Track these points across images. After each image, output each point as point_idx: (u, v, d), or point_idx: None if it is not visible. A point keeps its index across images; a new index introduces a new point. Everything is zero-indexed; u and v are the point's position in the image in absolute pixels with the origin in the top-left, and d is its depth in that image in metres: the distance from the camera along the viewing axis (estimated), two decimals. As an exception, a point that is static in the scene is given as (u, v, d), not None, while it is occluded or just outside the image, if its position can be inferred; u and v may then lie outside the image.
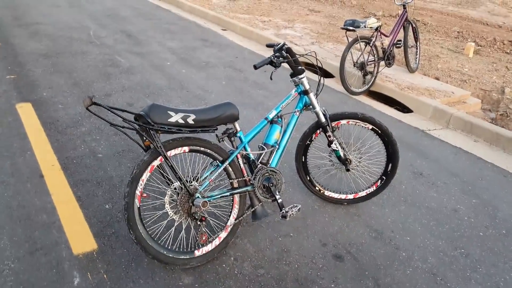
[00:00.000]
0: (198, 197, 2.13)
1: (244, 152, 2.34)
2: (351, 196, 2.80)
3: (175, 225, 2.33)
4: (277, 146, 2.45)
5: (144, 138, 2.04)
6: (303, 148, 2.73)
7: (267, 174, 2.37)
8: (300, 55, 2.47)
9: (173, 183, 2.13)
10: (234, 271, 2.19)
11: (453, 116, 4.45)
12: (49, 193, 2.66)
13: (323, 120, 2.56)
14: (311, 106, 2.55)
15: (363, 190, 2.79)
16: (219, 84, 4.90)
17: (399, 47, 5.33)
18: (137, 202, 2.03)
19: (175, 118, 2.02)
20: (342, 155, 2.65)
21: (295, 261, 2.29)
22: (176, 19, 8.06)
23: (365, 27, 4.84)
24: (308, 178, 2.79)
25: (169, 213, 2.15)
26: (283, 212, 2.30)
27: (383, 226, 2.66)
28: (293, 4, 10.08)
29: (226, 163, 2.22)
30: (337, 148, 2.63)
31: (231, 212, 2.31)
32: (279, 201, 2.35)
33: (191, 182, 2.16)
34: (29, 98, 3.99)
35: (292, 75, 2.52)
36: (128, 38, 6.39)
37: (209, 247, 2.22)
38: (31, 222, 2.39)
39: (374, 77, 5.17)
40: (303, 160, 2.76)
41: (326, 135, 2.60)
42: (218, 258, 2.26)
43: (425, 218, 2.79)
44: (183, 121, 2.04)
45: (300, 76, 2.49)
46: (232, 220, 2.30)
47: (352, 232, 2.57)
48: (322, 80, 2.51)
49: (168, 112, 2.01)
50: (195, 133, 2.10)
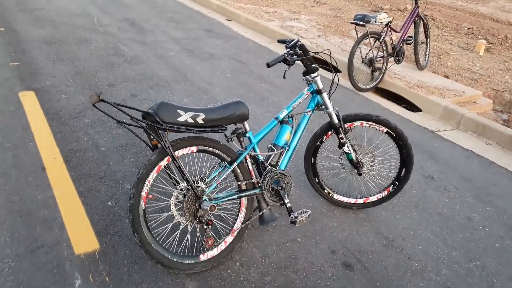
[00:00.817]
0: (206, 200, 2.04)
1: (253, 153, 2.24)
2: (361, 201, 2.71)
3: (181, 228, 2.24)
4: (287, 148, 2.35)
5: (152, 137, 1.94)
6: (313, 149, 2.62)
7: (276, 177, 2.27)
8: (315, 53, 2.35)
9: (180, 184, 2.03)
10: (240, 278, 2.11)
11: (464, 117, 4.34)
12: (51, 187, 2.57)
13: (336, 122, 2.46)
14: (324, 106, 2.45)
15: (374, 195, 2.70)
16: (224, 77, 4.78)
17: (409, 44, 5.20)
18: (143, 204, 1.94)
19: (185, 118, 1.91)
20: (354, 158, 2.55)
21: (303, 269, 2.21)
22: (180, 8, 7.90)
23: (376, 22, 4.71)
24: (317, 181, 2.70)
25: (175, 215, 2.06)
26: (292, 218, 2.21)
27: (394, 233, 2.57)
28: (300, -5, 9.89)
29: (235, 165, 2.13)
30: (349, 151, 2.53)
31: (238, 215, 2.22)
32: (288, 206, 2.26)
33: (198, 183, 2.07)
34: (32, 87, 3.88)
35: (305, 73, 2.41)
36: (132, 26, 6.24)
37: (215, 252, 2.14)
38: (32, 218, 2.30)
39: (383, 74, 5.04)
40: (312, 162, 2.66)
41: (338, 137, 2.50)
42: (224, 263, 2.18)
43: (438, 226, 2.70)
44: (193, 121, 1.94)
45: (314, 75, 2.38)
46: (239, 224, 2.21)
47: (362, 239, 2.48)
48: (337, 79, 2.40)
49: (178, 111, 1.90)
50: (204, 133, 2.00)
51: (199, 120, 1.95)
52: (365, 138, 3.19)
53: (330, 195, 2.72)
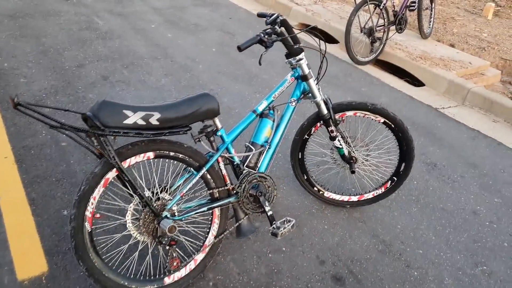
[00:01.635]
0: (166, 217, 1.71)
1: (227, 155, 1.89)
2: (355, 198, 2.39)
3: (140, 248, 1.92)
4: (268, 146, 2.00)
5: (95, 144, 1.58)
6: (300, 143, 2.28)
7: (255, 181, 1.94)
8: (300, 30, 1.96)
9: (135, 198, 1.70)
10: (214, 300, 1.83)
11: (471, 92, 3.95)
12: (-1, 194, 2.25)
13: (325, 112, 2.09)
14: (311, 95, 2.08)
15: (370, 192, 2.38)
16: (209, 52, 4.35)
17: (413, 10, 4.73)
18: (88, 225, 1.62)
19: (133, 119, 1.55)
20: (347, 153, 2.21)
21: (287, 286, 1.92)
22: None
23: (375, -14, 4.23)
24: (305, 177, 2.37)
25: (132, 233, 1.74)
26: (274, 229, 1.89)
27: (392, 236, 2.27)
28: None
29: (204, 170, 1.79)
30: (341, 145, 2.18)
31: (210, 229, 1.91)
32: (269, 214, 1.94)
33: (159, 194, 1.74)
34: (-12, 70, 3.49)
35: (288, 56, 2.03)
36: (109, -5, 5.73)
37: (183, 272, 1.84)
38: (-28, 234, 2.00)
39: (383, 44, 4.61)
40: (300, 157, 2.32)
41: (328, 130, 2.15)
42: (194, 284, 1.88)
43: (440, 224, 2.40)
44: (144, 122, 1.58)
45: (298, 58, 2.00)
46: (212, 238, 1.90)
47: (356, 245, 2.19)
48: (325, 63, 2.03)
49: (124, 112, 1.54)
50: (161, 136, 1.65)
51: (153, 121, 1.59)
52: (359, 130, 2.82)
53: (321, 193, 2.40)
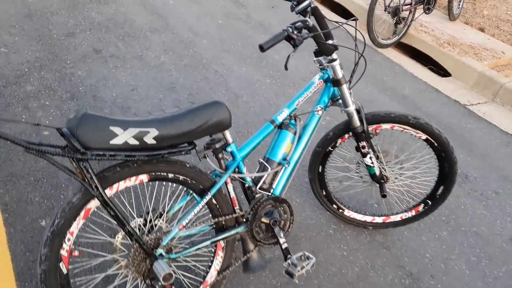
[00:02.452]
0: (161, 255, 1.39)
1: (237, 175, 1.55)
2: (380, 220, 2.08)
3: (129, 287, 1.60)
4: (287, 164, 1.65)
5: (74, 167, 1.23)
6: (322, 156, 1.93)
7: (270, 206, 1.61)
8: (338, 24, 1.57)
9: (126, 227, 1.36)
10: None
11: (503, 88, 3.57)
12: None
13: (358, 125, 1.73)
14: (341, 102, 1.71)
15: (398, 214, 2.06)
16: (214, 25, 3.89)
17: (445, -12, 4.24)
18: (64, 267, 1.29)
19: (123, 138, 1.19)
20: (378, 173, 1.87)
21: (300, 331, 1.64)
22: None
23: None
24: (325, 193, 2.04)
25: (118, 271, 1.43)
26: (289, 266, 1.58)
27: (420, 267, 1.97)
28: None
29: (209, 196, 1.45)
30: (372, 164, 1.84)
31: (213, 263, 1.59)
32: (284, 247, 1.62)
33: (153, 221, 1.42)
34: (-37, 35, 3.05)
35: (317, 54, 1.64)
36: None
37: (179, 315, 1.54)
38: None
39: (408, 26, 4.15)
40: (320, 171, 1.98)
41: (359, 145, 1.80)
42: (192, 326, 1.59)
43: (474, 254, 2.10)
44: (137, 142, 1.22)
45: (331, 58, 1.61)
46: (214, 274, 1.59)
47: (379, 277, 1.89)
48: (363, 63, 1.64)
49: (111, 129, 1.18)
50: (158, 157, 1.29)
51: (149, 140, 1.24)
52: (395, 145, 2.42)
53: (340, 211, 2.08)
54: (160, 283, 1.35)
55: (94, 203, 1.28)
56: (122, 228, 1.29)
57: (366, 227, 2.11)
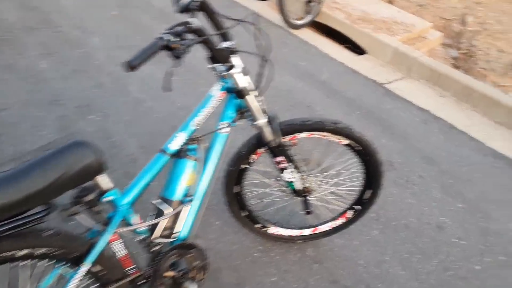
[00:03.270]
0: None
1: (125, 229, 1.22)
2: (309, 231, 1.89)
3: None
4: (191, 200, 1.36)
5: None
6: (237, 175, 1.66)
7: (174, 257, 1.32)
8: (237, 21, 1.28)
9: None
10: None
11: (417, 62, 3.55)
12: None
13: (271, 138, 1.48)
14: (250, 115, 1.44)
15: (327, 223, 1.88)
16: (107, 17, 3.39)
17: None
18: None
19: None
20: (300, 187, 1.65)
21: None
22: None
23: None
24: (246, 214, 1.79)
25: None
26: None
27: (355, 278, 1.82)
28: None
29: (86, 266, 1.11)
30: (293, 179, 1.61)
31: None
32: (198, 300, 1.35)
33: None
34: None
35: (212, 60, 1.34)
36: None
37: None
38: None
39: (321, 3, 3.98)
40: (237, 191, 1.71)
41: (275, 161, 1.55)
42: None
43: (407, 250, 2.00)
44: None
45: (229, 64, 1.32)
46: None
47: (314, 301, 1.71)
48: (271, 70, 1.38)
49: None
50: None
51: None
52: (316, 153, 2.19)
53: (264, 230, 1.85)
54: None
55: None
56: None
57: (295, 242, 1.91)
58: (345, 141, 1.58)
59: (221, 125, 1.42)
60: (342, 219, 1.85)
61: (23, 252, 1.02)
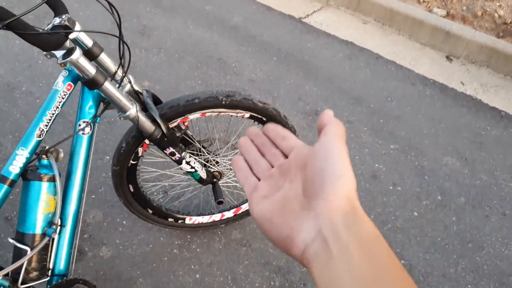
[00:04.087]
0: None
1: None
2: (231, 214, 1.66)
3: None
4: (58, 226, 1.05)
5: None
6: (126, 174, 1.35)
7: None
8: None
9: None
10: None
11: (335, -11, 3.25)
12: None
13: (151, 129, 1.17)
14: (115, 107, 1.11)
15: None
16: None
17: None
18: None
19: None
20: (205, 175, 1.38)
21: None
22: None
23: None
24: (151, 211, 1.51)
25: None
26: None
27: (288, 257, 1.65)
28: None
29: None
30: (194, 168, 1.33)
31: None
32: None
33: None
34: None
35: (42, 47, 0.97)
36: None
37: None
38: None
39: None
40: (133, 191, 1.42)
41: (166, 153, 1.26)
42: None
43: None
44: None
45: (67, 47, 0.97)
46: None
47: (247, 286, 1.53)
48: (127, 49, 1.04)
49: None
50: None
51: None
52: (215, 131, 1.89)
53: (181, 222, 1.60)
54: None
55: None
56: None
57: (218, 227, 1.69)
58: (248, 114, 1.31)
59: (80, 125, 1.08)
60: (265, 194, 1.63)
61: None
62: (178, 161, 1.29)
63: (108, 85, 1.03)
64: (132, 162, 1.33)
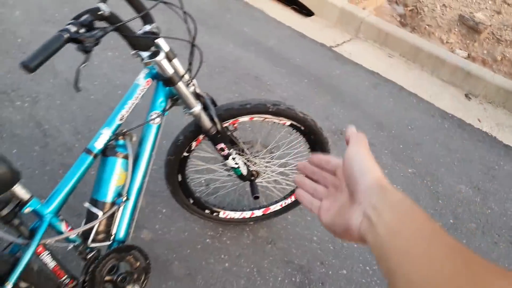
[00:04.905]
0: None
1: (52, 240, 1.10)
2: (260, 212, 1.83)
3: None
4: (124, 199, 1.24)
5: None
6: (178, 164, 1.55)
7: (113, 261, 1.22)
8: (162, 2, 1.12)
9: None
10: None
11: (364, 23, 3.49)
12: None
13: (209, 126, 1.37)
14: (183, 104, 1.32)
15: (277, 202, 1.83)
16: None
17: None
18: None
19: None
20: (245, 172, 1.57)
21: None
22: None
23: None
24: (192, 201, 1.69)
25: None
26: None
27: (309, 256, 1.81)
28: None
29: (9, 286, 1.00)
30: (237, 165, 1.52)
31: None
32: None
33: None
34: None
35: (134, 46, 1.19)
36: None
37: None
38: None
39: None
40: (180, 180, 1.61)
41: (216, 148, 1.45)
42: None
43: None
44: None
45: (151, 52, 1.18)
46: None
47: (267, 283, 1.68)
48: (201, 54, 1.25)
49: None
50: None
51: None
52: (261, 134, 2.07)
53: (215, 215, 1.77)
54: None
55: None
56: None
57: (247, 223, 1.86)
58: (288, 122, 1.50)
59: (152, 116, 1.29)
60: (293, 198, 1.81)
61: None
62: (226, 157, 1.48)
63: (181, 85, 1.24)
64: (185, 154, 1.52)
